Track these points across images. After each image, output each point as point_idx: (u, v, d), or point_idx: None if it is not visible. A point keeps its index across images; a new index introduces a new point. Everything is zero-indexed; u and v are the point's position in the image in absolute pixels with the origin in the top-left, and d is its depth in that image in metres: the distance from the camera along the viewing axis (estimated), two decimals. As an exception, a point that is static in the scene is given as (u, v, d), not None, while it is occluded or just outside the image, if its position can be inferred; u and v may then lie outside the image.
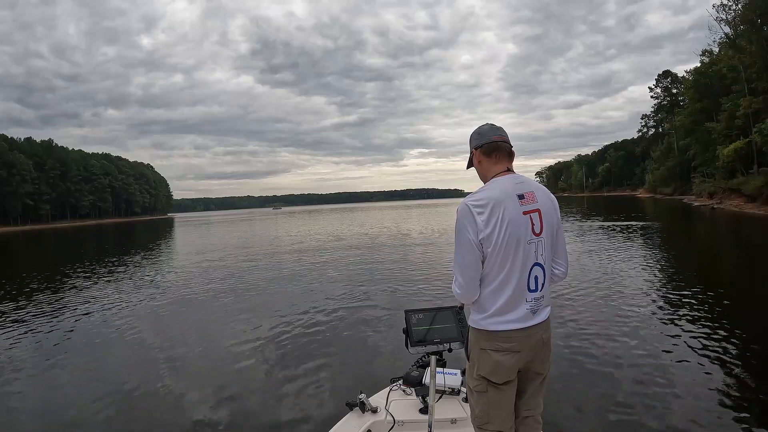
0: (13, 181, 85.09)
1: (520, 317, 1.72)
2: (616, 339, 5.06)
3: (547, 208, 1.77)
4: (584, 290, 7.43)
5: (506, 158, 1.84)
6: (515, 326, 1.73)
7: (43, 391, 4.54)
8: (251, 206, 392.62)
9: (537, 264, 1.73)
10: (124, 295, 9.30)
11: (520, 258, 1.70)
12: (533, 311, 1.74)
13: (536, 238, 1.72)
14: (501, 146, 1.83)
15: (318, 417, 3.61)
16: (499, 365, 1.75)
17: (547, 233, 1.75)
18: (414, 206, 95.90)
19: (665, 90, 64.55)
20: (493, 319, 1.73)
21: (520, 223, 1.70)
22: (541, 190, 1.80)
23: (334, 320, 6.55)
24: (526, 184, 1.78)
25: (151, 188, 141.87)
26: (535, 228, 1.72)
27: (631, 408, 3.49)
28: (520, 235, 1.70)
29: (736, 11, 35.17)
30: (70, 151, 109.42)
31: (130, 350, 5.74)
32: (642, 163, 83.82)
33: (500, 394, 1.79)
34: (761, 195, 26.72)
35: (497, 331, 1.74)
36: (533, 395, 1.86)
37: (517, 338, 1.74)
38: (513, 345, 1.74)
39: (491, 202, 1.70)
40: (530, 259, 1.72)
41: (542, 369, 1.85)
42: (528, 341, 1.76)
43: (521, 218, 1.70)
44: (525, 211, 1.71)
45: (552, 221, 1.78)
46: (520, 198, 1.72)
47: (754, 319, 5.71)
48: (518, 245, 1.70)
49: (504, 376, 1.77)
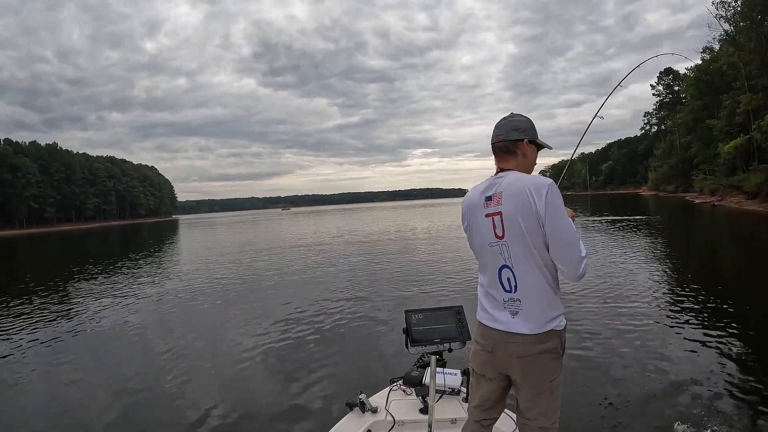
0: (18, 184, 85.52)
1: (498, 317, 1.74)
2: (616, 335, 5.10)
3: (511, 209, 1.66)
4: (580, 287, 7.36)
5: (503, 157, 1.80)
6: (493, 325, 1.76)
7: (49, 390, 4.64)
8: (255, 207, 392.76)
9: (505, 266, 1.70)
10: (130, 297, 9.39)
11: (489, 259, 1.75)
12: (512, 313, 1.70)
13: (499, 240, 1.70)
14: (494, 148, 1.82)
15: (318, 417, 3.62)
16: (475, 355, 1.86)
17: (513, 235, 1.66)
18: (418, 206, 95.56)
19: (667, 87, 64.28)
20: (481, 313, 1.83)
21: (483, 226, 1.75)
22: (513, 189, 1.67)
23: (334, 320, 6.61)
24: (499, 185, 1.73)
25: (155, 190, 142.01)
26: (497, 231, 1.70)
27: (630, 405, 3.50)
28: (483, 238, 1.75)
29: (736, 8, 35.11)
30: (74, 154, 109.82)
31: (134, 351, 5.84)
32: (645, 161, 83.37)
33: (479, 381, 1.86)
34: (761, 192, 26.63)
35: (480, 323, 1.82)
36: (527, 404, 1.75)
37: (491, 337, 1.77)
38: (487, 344, 1.79)
39: (465, 206, 1.84)
40: (497, 261, 1.72)
41: (525, 384, 1.73)
42: (504, 349, 1.73)
43: (484, 221, 1.74)
44: (488, 214, 1.73)
45: (516, 222, 1.65)
46: (487, 200, 1.74)
47: (752, 315, 5.76)
48: (483, 247, 1.77)
49: (478, 367, 1.85)
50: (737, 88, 35.60)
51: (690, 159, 49.10)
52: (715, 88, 40.84)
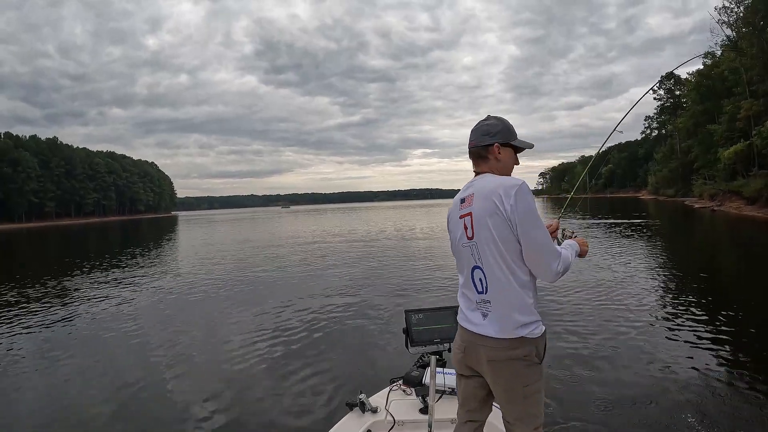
0: (18, 178, 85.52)
1: (471, 318, 1.76)
2: (613, 337, 5.11)
3: (480, 211, 1.68)
4: (579, 290, 7.31)
5: (476, 162, 1.83)
6: (466, 325, 1.78)
7: (46, 386, 4.62)
8: (255, 205, 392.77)
9: (477, 267, 1.73)
10: (128, 292, 9.40)
11: (463, 260, 1.79)
12: (483, 315, 1.71)
13: (469, 241, 1.73)
14: (469, 153, 1.85)
15: (318, 417, 3.62)
16: (454, 354, 1.89)
17: (481, 236, 1.68)
18: (417, 206, 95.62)
19: (668, 92, 64.33)
20: (459, 313, 1.86)
21: (457, 227, 1.79)
22: (484, 191, 1.69)
23: (334, 320, 6.61)
24: (472, 187, 1.76)
25: (155, 186, 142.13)
26: (468, 232, 1.74)
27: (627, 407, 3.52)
28: (457, 238, 1.80)
29: (738, 14, 35.19)
30: (74, 149, 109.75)
31: (132, 348, 5.84)
32: (645, 165, 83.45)
33: (460, 380, 1.88)
34: (761, 197, 26.69)
35: (459, 323, 1.85)
36: (503, 408, 1.76)
37: (465, 337, 1.79)
38: (462, 343, 1.81)
39: (449, 209, 1.90)
40: (470, 261, 1.75)
41: (497, 387, 1.74)
42: (475, 350, 1.74)
43: (457, 222, 1.79)
44: (461, 215, 1.77)
45: (484, 224, 1.66)
46: (462, 202, 1.78)
47: (751, 320, 5.79)
48: (457, 247, 1.81)
49: (456, 366, 1.87)
50: (738, 94, 35.72)
51: (690, 163, 49.18)
52: (717, 93, 40.97)
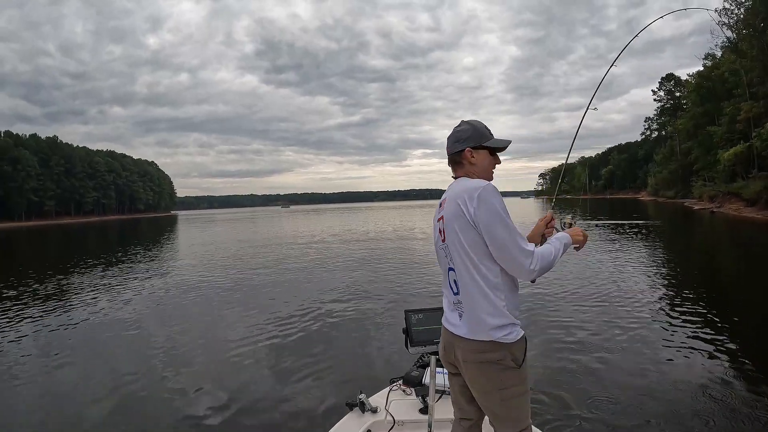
0: (18, 177, 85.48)
1: (450, 318, 1.81)
2: (611, 338, 5.12)
3: (448, 215, 1.74)
4: (579, 290, 7.36)
5: (453, 167, 1.87)
6: (446, 324, 1.84)
7: (45, 386, 4.62)
8: (254, 204, 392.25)
9: (451, 268, 1.77)
10: (128, 292, 9.40)
11: (441, 261, 1.85)
12: (459, 315, 1.75)
13: (443, 244, 1.79)
14: (448, 160, 1.89)
15: (318, 417, 3.61)
16: (439, 351, 1.93)
17: (450, 239, 1.73)
18: (417, 206, 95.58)
19: (668, 93, 64.41)
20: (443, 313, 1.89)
21: (435, 229, 1.86)
22: (453, 195, 1.75)
23: (334, 320, 6.61)
24: (447, 192, 1.82)
25: (154, 185, 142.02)
26: (442, 235, 1.80)
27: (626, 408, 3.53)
28: (435, 240, 1.86)
29: (738, 16, 35.22)
30: (74, 147, 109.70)
31: (132, 347, 5.83)
32: (645, 166, 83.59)
33: (451, 378, 1.92)
34: (760, 199, 26.71)
35: (442, 323, 1.89)
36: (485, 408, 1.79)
37: (445, 337, 1.85)
38: (442, 343, 1.88)
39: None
40: (445, 263, 1.81)
41: (473, 388, 1.77)
42: (453, 350, 1.79)
43: (435, 225, 1.86)
44: (438, 218, 1.83)
45: (452, 227, 1.72)
46: (440, 206, 1.85)
47: (751, 320, 5.81)
48: (436, 249, 1.87)
49: (443, 363, 1.92)
50: (738, 96, 35.75)
51: (690, 165, 49.22)
52: (717, 95, 41.00)
